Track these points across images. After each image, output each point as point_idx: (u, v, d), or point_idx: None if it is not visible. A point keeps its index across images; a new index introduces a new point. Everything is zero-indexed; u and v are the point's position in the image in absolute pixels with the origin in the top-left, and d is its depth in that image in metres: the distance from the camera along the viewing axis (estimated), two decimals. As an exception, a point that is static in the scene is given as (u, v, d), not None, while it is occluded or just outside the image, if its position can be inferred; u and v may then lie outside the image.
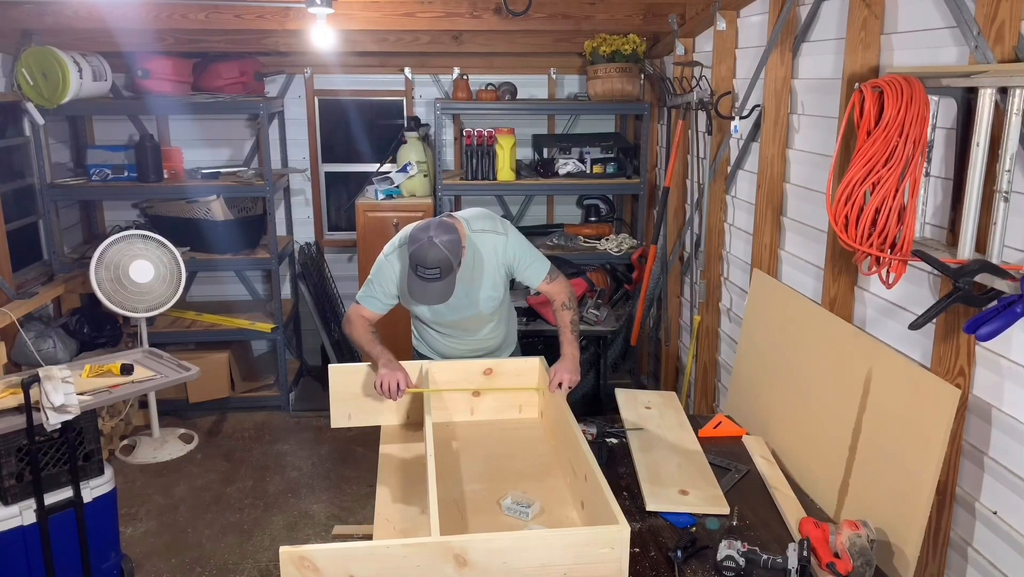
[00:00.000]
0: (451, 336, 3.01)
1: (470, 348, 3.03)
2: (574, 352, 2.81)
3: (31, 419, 2.62)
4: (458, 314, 2.87)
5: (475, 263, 2.78)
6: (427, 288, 2.59)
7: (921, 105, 2.09)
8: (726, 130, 3.78)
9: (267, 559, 3.58)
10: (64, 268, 4.77)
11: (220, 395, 5.05)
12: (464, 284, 2.77)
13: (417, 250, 2.55)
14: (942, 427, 2.08)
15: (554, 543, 1.86)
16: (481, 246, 2.79)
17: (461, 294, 2.77)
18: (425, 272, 2.55)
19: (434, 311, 2.85)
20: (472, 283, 2.81)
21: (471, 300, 2.84)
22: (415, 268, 2.57)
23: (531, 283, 2.88)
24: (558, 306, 2.88)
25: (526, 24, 4.25)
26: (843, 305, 2.75)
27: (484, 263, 2.80)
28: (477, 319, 2.92)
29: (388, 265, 2.81)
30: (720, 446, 2.84)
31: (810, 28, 3.06)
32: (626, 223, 5.52)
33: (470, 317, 2.89)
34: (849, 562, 2.02)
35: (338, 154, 5.61)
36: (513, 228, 2.88)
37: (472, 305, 2.85)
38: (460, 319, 2.90)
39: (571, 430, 2.40)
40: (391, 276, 2.80)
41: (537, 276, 2.86)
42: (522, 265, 2.84)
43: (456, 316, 2.88)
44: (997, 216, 1.95)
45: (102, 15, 4.10)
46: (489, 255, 2.80)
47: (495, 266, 2.81)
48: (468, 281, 2.79)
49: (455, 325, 2.95)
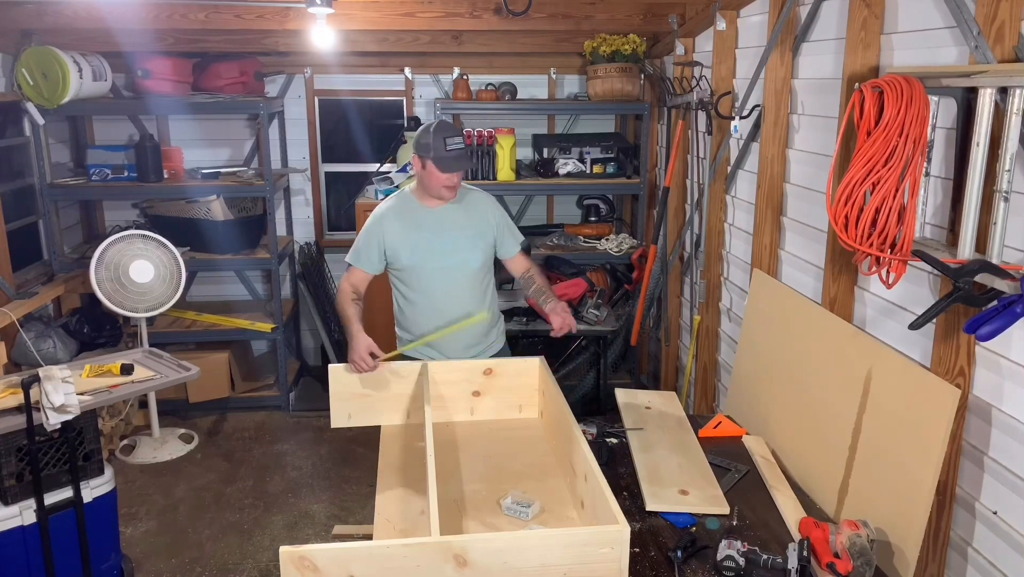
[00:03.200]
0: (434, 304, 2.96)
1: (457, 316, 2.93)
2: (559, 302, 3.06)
3: (31, 419, 2.62)
4: (447, 258, 2.93)
5: (466, 205, 3.01)
6: (454, 159, 2.84)
7: (921, 105, 2.09)
8: (726, 130, 3.78)
9: (267, 559, 3.58)
10: (64, 268, 4.77)
11: (220, 395, 5.05)
12: (451, 222, 2.96)
13: (440, 125, 2.87)
14: (942, 427, 2.08)
15: (554, 543, 1.86)
16: (473, 195, 3.06)
17: (450, 231, 2.94)
18: (452, 141, 2.83)
19: (426, 251, 2.92)
20: (458, 223, 2.97)
21: (454, 244, 2.94)
22: (443, 141, 2.81)
23: (509, 250, 3.08)
24: (535, 272, 3.12)
25: (526, 24, 4.25)
26: (843, 305, 2.75)
27: (474, 209, 3.02)
28: (463, 271, 2.97)
29: (372, 223, 2.98)
30: (720, 446, 2.84)
31: (810, 28, 3.06)
32: (626, 223, 5.52)
33: (456, 266, 2.95)
34: (849, 562, 2.02)
35: (338, 154, 5.61)
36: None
37: (458, 249, 2.95)
38: (446, 266, 2.94)
39: (571, 430, 2.40)
40: (374, 233, 2.96)
41: (515, 246, 3.09)
42: (503, 230, 3.05)
43: (444, 262, 2.93)
44: (997, 216, 1.95)
45: (102, 15, 4.10)
46: (479, 204, 3.04)
47: (483, 215, 3.02)
48: (453, 220, 2.96)
49: (442, 276, 2.94)
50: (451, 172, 2.86)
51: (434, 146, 2.82)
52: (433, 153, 2.82)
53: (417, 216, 2.96)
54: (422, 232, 2.93)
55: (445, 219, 2.96)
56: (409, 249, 2.93)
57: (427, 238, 2.93)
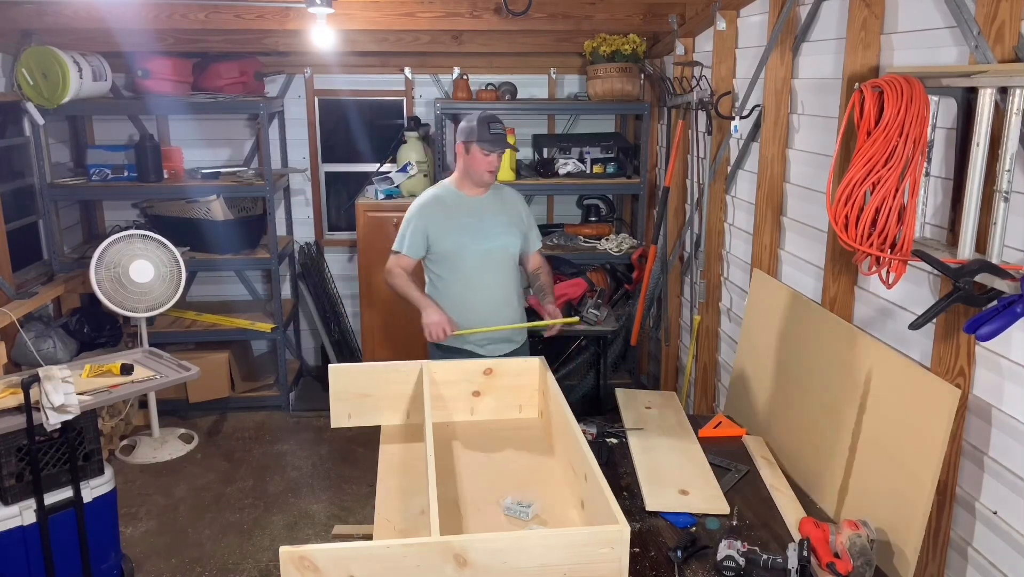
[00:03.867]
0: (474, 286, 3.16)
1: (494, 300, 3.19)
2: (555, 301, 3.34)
3: (31, 419, 2.62)
4: (488, 242, 3.16)
5: (501, 197, 3.28)
6: (497, 141, 3.08)
7: (921, 105, 2.09)
8: (726, 130, 3.78)
9: (267, 559, 3.58)
10: (64, 268, 4.77)
11: (220, 395, 5.05)
12: (490, 209, 3.21)
13: (483, 114, 3.13)
14: (942, 427, 2.08)
15: (554, 543, 1.86)
16: (506, 190, 3.35)
17: (489, 217, 3.18)
18: (495, 126, 3.08)
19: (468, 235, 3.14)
20: (496, 211, 3.22)
21: (493, 229, 3.18)
22: (487, 127, 3.07)
23: (533, 245, 3.35)
24: (545, 271, 3.35)
25: (526, 24, 4.25)
26: (843, 305, 2.75)
27: (508, 201, 3.29)
28: (502, 255, 3.20)
29: (415, 213, 3.18)
30: (720, 446, 2.84)
31: (810, 28, 3.06)
32: (626, 223, 5.52)
33: (496, 249, 3.18)
34: (849, 562, 2.02)
35: (338, 154, 5.61)
36: None
37: (497, 234, 3.18)
38: (489, 249, 3.17)
39: (571, 430, 2.40)
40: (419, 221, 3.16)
41: (537, 242, 3.38)
42: (531, 225, 3.35)
43: (487, 244, 3.16)
44: (997, 216, 1.95)
45: (102, 15, 4.10)
46: (512, 198, 3.33)
47: (515, 207, 3.30)
48: (491, 207, 3.21)
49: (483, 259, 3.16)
50: (494, 152, 3.10)
51: (478, 130, 3.07)
52: (477, 135, 3.06)
53: (459, 203, 3.18)
54: (464, 218, 3.15)
55: (484, 206, 3.19)
56: (453, 233, 3.13)
57: (469, 223, 3.15)
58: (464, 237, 3.13)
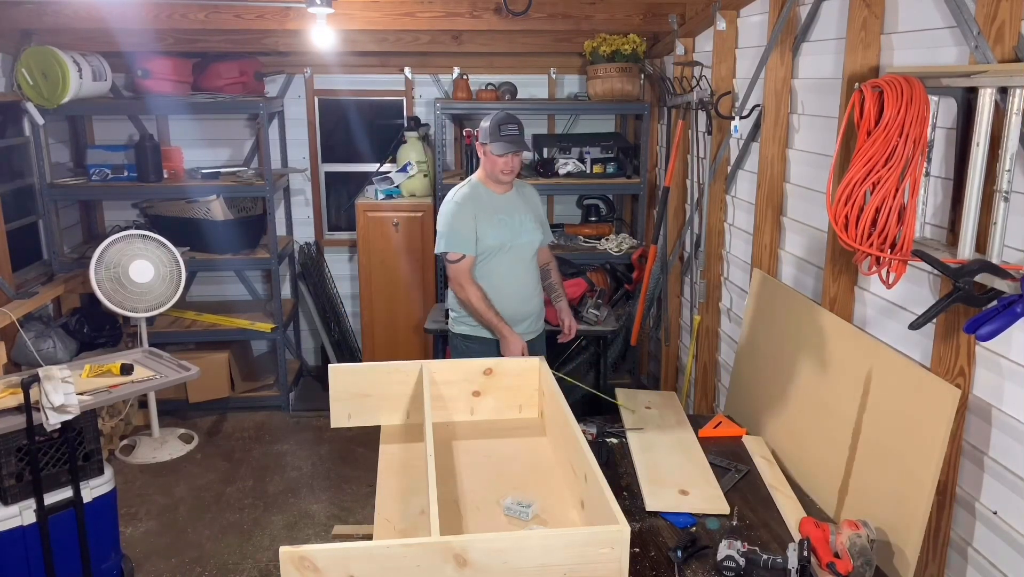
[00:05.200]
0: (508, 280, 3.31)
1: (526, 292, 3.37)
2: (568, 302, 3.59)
3: (31, 419, 2.62)
4: (521, 237, 3.31)
5: (523, 194, 3.43)
6: (511, 141, 3.18)
7: (921, 105, 2.09)
8: (726, 130, 3.78)
9: (267, 559, 3.58)
10: (64, 268, 4.77)
11: (220, 395, 5.05)
12: (517, 206, 3.34)
13: (498, 114, 3.23)
14: (942, 427, 2.08)
15: (554, 543, 1.86)
16: (526, 188, 3.52)
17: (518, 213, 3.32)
18: (508, 127, 3.18)
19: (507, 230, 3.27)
20: (523, 208, 3.36)
21: (523, 225, 3.32)
22: (499, 128, 3.17)
23: (547, 238, 3.50)
24: (553, 266, 3.58)
25: (526, 24, 4.25)
26: (843, 305, 2.75)
27: (529, 197, 3.46)
28: (532, 249, 3.38)
29: (458, 209, 3.26)
30: (720, 446, 2.84)
31: (810, 28, 3.06)
32: (626, 223, 5.52)
33: (528, 244, 3.34)
34: (849, 562, 2.02)
35: (338, 154, 5.61)
36: None
37: (527, 230, 3.33)
38: (523, 244, 3.32)
39: (571, 430, 2.39)
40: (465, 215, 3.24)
41: (548, 235, 3.52)
42: (545, 219, 3.49)
43: (521, 239, 3.31)
44: (997, 216, 1.95)
45: (102, 15, 4.10)
46: (531, 194, 3.50)
47: (534, 202, 3.46)
48: (518, 204, 3.35)
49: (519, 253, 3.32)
50: (505, 153, 3.18)
51: (491, 132, 3.18)
52: (490, 136, 3.18)
53: (492, 200, 3.30)
54: (499, 214, 3.28)
55: (512, 203, 3.33)
56: (494, 229, 3.25)
57: (504, 220, 3.28)
58: (504, 232, 3.26)
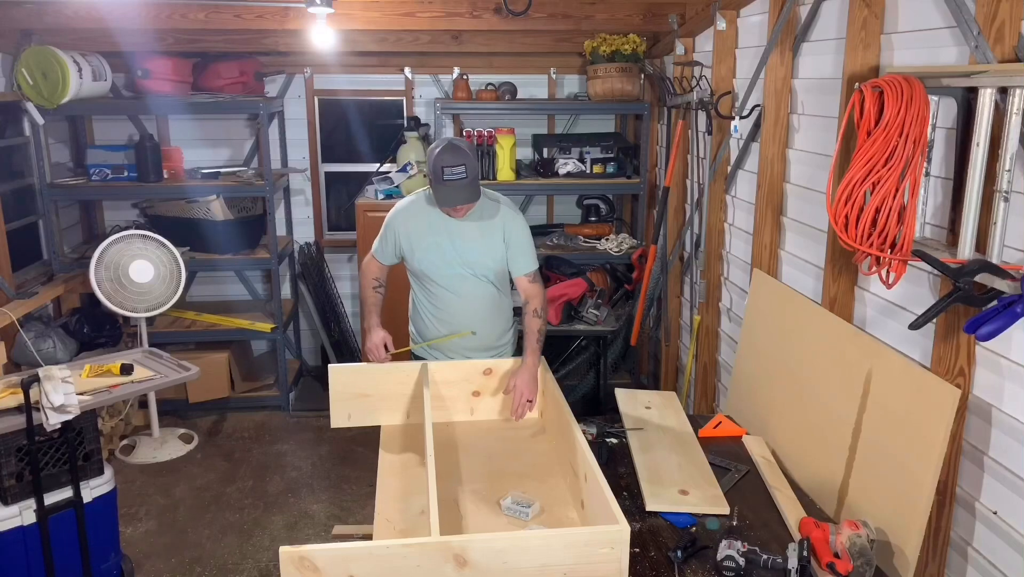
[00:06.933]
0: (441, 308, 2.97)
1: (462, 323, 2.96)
2: (535, 362, 2.89)
3: (31, 419, 2.62)
4: (455, 267, 2.89)
5: (484, 217, 2.87)
6: (456, 190, 2.68)
7: (921, 105, 2.09)
8: (726, 130, 3.78)
9: (267, 559, 3.58)
10: (64, 268, 4.77)
11: (220, 395, 5.05)
12: (466, 231, 2.86)
13: (444, 149, 2.68)
14: (942, 427, 2.08)
15: (554, 543, 1.86)
16: (492, 208, 2.89)
17: (461, 241, 2.86)
18: (452, 171, 2.64)
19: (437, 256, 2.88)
20: (473, 234, 2.87)
21: (468, 256, 2.88)
22: (442, 173, 2.65)
23: (515, 270, 2.93)
24: (530, 310, 2.93)
25: (526, 24, 4.25)
26: (843, 305, 2.75)
27: (489, 222, 2.88)
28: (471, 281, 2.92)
29: (394, 219, 2.96)
30: (720, 446, 2.84)
31: (810, 28, 3.06)
32: (626, 223, 5.52)
33: (466, 276, 2.90)
34: (849, 562, 2.02)
35: (338, 154, 5.61)
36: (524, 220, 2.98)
37: (468, 260, 2.88)
38: (458, 274, 2.90)
39: (571, 430, 2.40)
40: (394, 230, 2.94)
41: (523, 267, 2.93)
42: (515, 246, 2.90)
43: (453, 269, 2.89)
44: (997, 216, 1.95)
45: (102, 15, 4.10)
46: (500, 217, 2.88)
47: (500, 227, 2.88)
48: (470, 230, 2.87)
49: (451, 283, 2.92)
50: (446, 206, 2.76)
51: (433, 172, 2.70)
52: (432, 180, 2.72)
53: (434, 220, 2.87)
54: (436, 236, 2.87)
55: (461, 228, 2.86)
56: (422, 251, 2.90)
57: (439, 243, 2.87)
58: (433, 258, 2.89)
